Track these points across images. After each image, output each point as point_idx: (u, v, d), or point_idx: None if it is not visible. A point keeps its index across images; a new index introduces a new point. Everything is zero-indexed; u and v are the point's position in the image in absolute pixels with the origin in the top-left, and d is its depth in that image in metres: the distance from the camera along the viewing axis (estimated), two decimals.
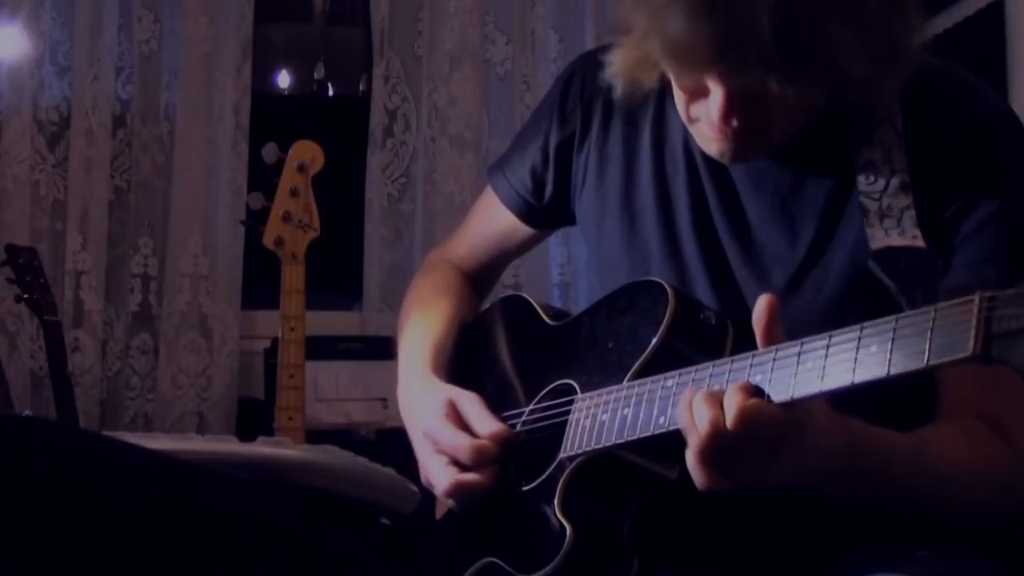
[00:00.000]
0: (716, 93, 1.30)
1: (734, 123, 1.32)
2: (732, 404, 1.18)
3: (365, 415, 3.26)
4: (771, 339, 1.22)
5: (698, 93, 1.34)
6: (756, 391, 1.19)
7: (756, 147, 1.39)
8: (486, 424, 1.49)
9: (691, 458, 1.22)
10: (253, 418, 3.41)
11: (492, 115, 3.74)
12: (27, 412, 1.29)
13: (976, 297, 1.04)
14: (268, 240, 2.76)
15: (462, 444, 1.47)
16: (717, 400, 1.20)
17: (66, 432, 1.04)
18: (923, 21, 1.31)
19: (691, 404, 1.22)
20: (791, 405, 1.18)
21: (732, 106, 1.30)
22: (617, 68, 1.43)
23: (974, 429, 1.37)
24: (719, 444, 1.19)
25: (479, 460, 1.47)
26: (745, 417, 1.17)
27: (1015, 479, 1.38)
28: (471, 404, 1.51)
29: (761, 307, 1.23)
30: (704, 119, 1.36)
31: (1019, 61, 2.95)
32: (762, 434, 1.19)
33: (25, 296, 3.07)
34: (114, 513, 1.00)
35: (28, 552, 0.95)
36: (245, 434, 1.18)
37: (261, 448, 1.13)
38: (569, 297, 3.68)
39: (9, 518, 0.93)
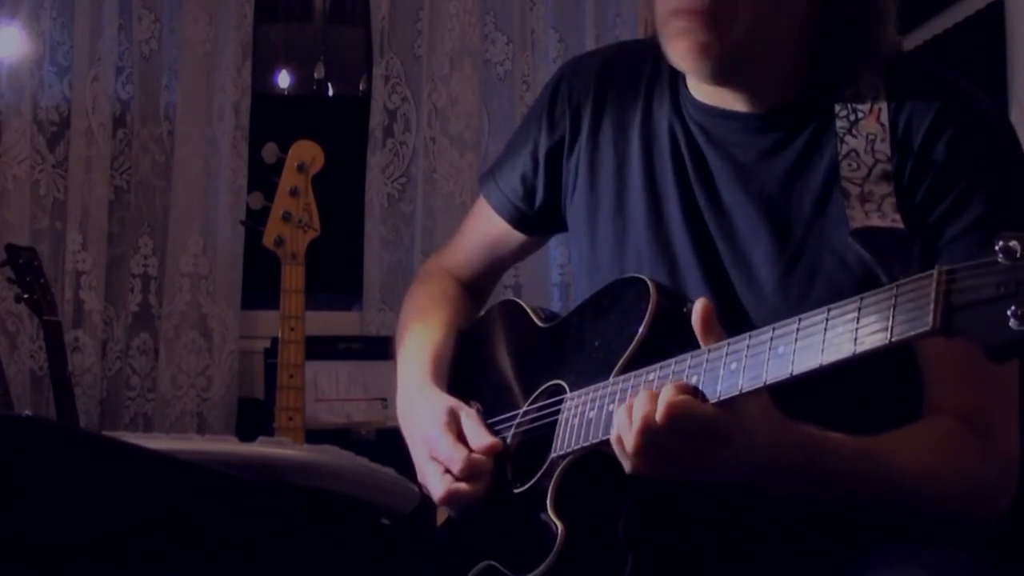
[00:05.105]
0: None
1: None
2: (663, 399, 1.22)
3: (365, 415, 3.26)
4: (709, 342, 1.26)
5: None
6: (690, 390, 1.23)
7: (722, 39, 1.38)
8: (480, 438, 1.50)
9: (626, 450, 1.26)
10: (253, 418, 3.42)
11: (492, 115, 3.74)
12: (27, 412, 1.29)
13: (935, 271, 1.05)
14: (268, 240, 2.76)
15: (457, 456, 1.49)
16: (653, 398, 1.24)
17: (66, 432, 1.03)
18: None
19: (630, 404, 1.26)
20: (736, 400, 1.21)
21: None
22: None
23: (948, 434, 1.36)
24: (648, 439, 1.23)
25: (471, 473, 1.49)
26: (672, 412, 1.21)
27: (990, 487, 1.38)
28: (469, 418, 1.53)
29: (697, 311, 1.26)
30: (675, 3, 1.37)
31: (1019, 61, 2.94)
32: (689, 429, 1.22)
33: (25, 296, 3.07)
34: (114, 513, 1.00)
35: (28, 552, 0.95)
36: (245, 434, 1.18)
37: (261, 448, 1.12)
38: (569, 297, 3.67)
39: (9, 518, 0.93)
